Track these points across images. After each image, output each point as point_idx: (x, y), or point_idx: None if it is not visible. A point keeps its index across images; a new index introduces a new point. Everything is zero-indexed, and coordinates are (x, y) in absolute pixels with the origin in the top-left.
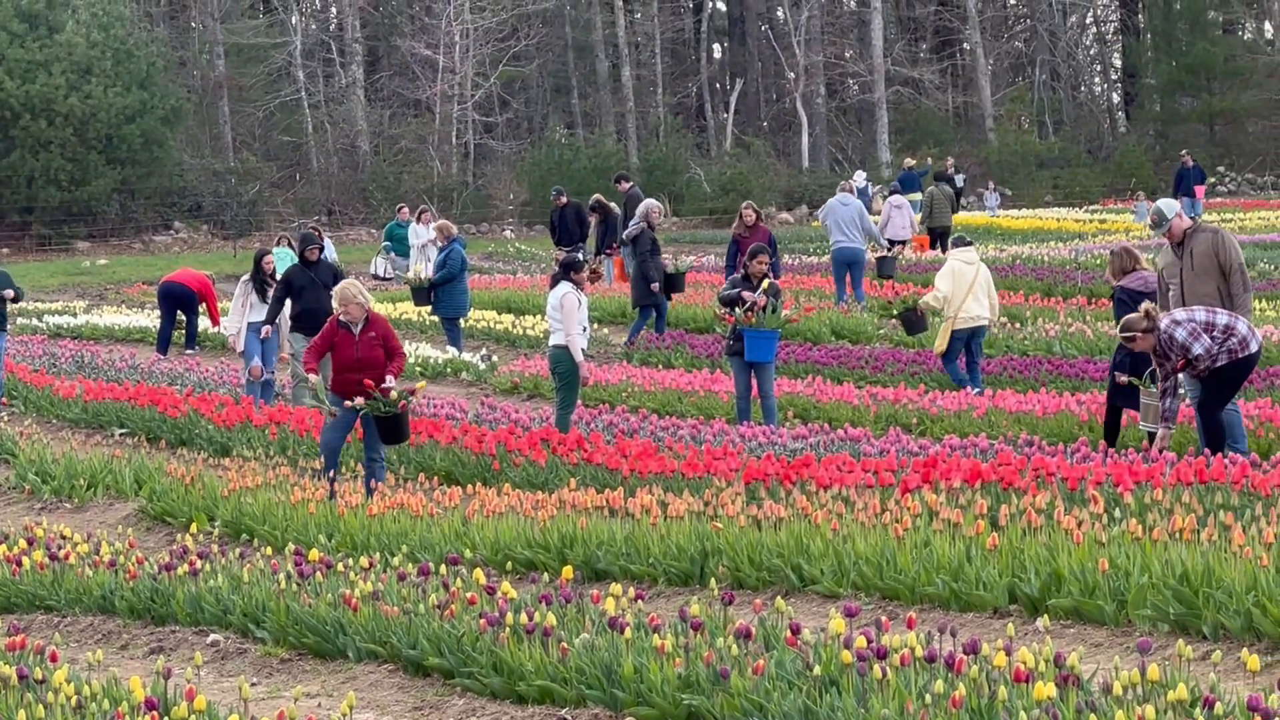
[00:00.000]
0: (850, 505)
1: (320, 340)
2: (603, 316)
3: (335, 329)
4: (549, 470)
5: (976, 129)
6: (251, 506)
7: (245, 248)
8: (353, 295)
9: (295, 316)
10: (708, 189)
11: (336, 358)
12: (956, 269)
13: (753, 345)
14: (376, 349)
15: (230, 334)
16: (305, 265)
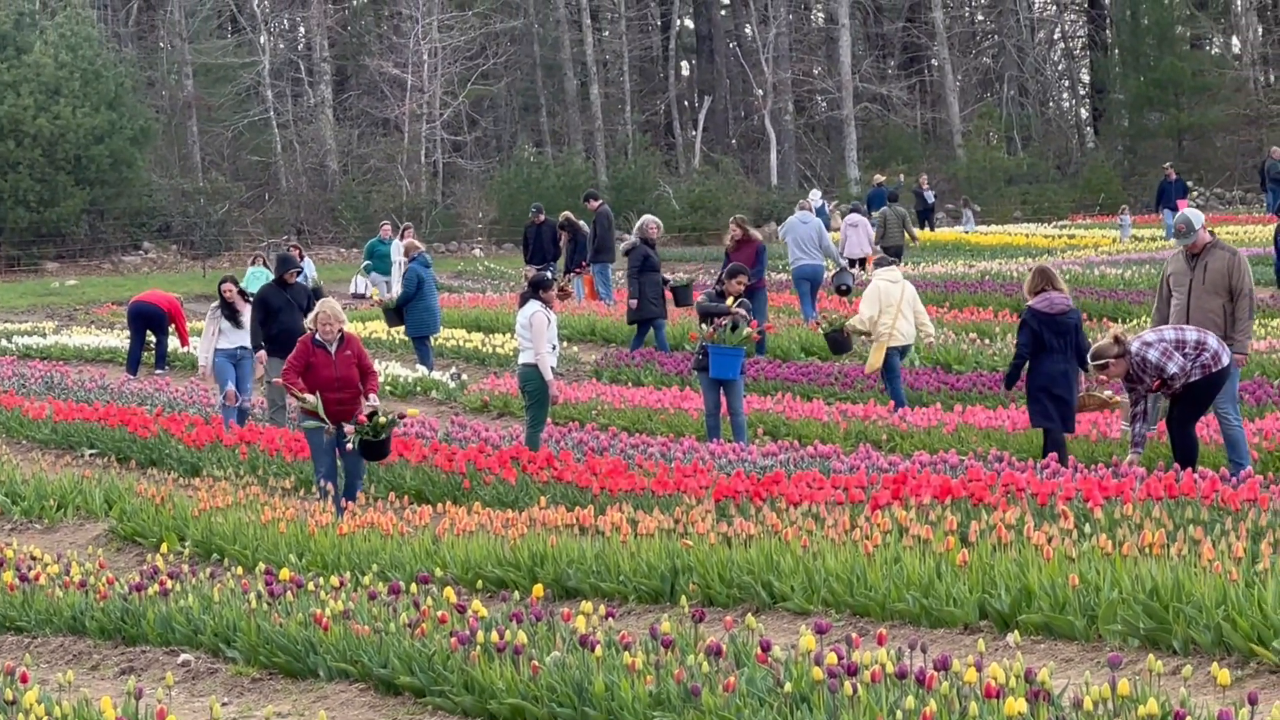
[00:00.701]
0: (820, 522)
1: (297, 359)
2: (572, 334)
3: (310, 348)
4: (519, 488)
5: (945, 145)
6: (222, 526)
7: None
8: (336, 314)
9: (270, 338)
10: (676, 207)
11: (313, 378)
12: (882, 289)
13: (717, 363)
14: (352, 368)
15: (202, 364)
16: (281, 286)
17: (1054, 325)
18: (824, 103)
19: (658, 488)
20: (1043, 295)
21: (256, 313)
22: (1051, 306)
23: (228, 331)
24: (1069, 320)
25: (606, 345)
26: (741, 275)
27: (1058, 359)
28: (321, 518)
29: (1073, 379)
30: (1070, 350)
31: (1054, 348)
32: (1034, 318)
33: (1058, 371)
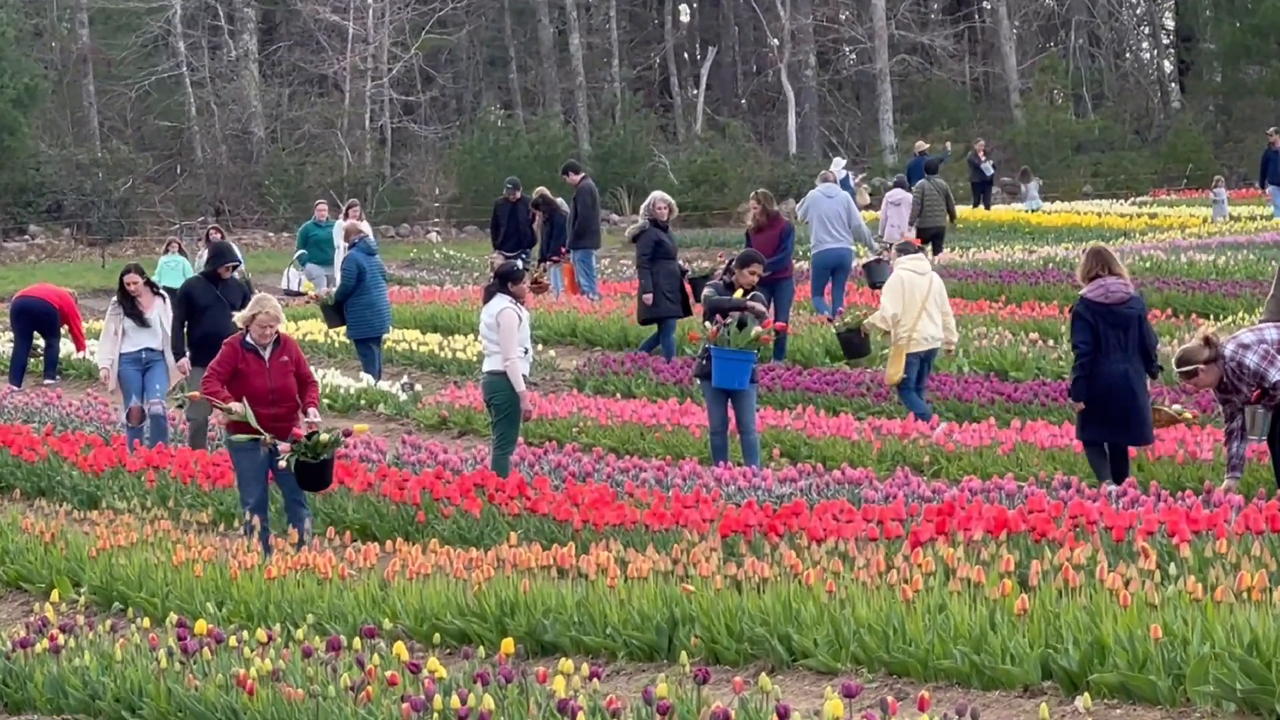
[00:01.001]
0: (849, 562)
1: (222, 365)
2: (548, 336)
3: (239, 353)
4: (485, 522)
5: (999, 105)
6: (125, 569)
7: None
8: (277, 314)
9: (195, 342)
10: (675, 181)
11: (242, 388)
12: (906, 281)
13: (722, 369)
14: (289, 377)
15: (102, 368)
16: (211, 281)
17: (1112, 317)
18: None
19: (652, 521)
20: (1097, 282)
21: (178, 311)
22: (1108, 295)
23: (131, 332)
24: (1130, 311)
25: (590, 349)
26: (755, 264)
27: (1116, 359)
28: (246, 558)
29: (1135, 382)
30: (1133, 348)
31: (1112, 345)
32: (1088, 309)
33: (1116, 373)
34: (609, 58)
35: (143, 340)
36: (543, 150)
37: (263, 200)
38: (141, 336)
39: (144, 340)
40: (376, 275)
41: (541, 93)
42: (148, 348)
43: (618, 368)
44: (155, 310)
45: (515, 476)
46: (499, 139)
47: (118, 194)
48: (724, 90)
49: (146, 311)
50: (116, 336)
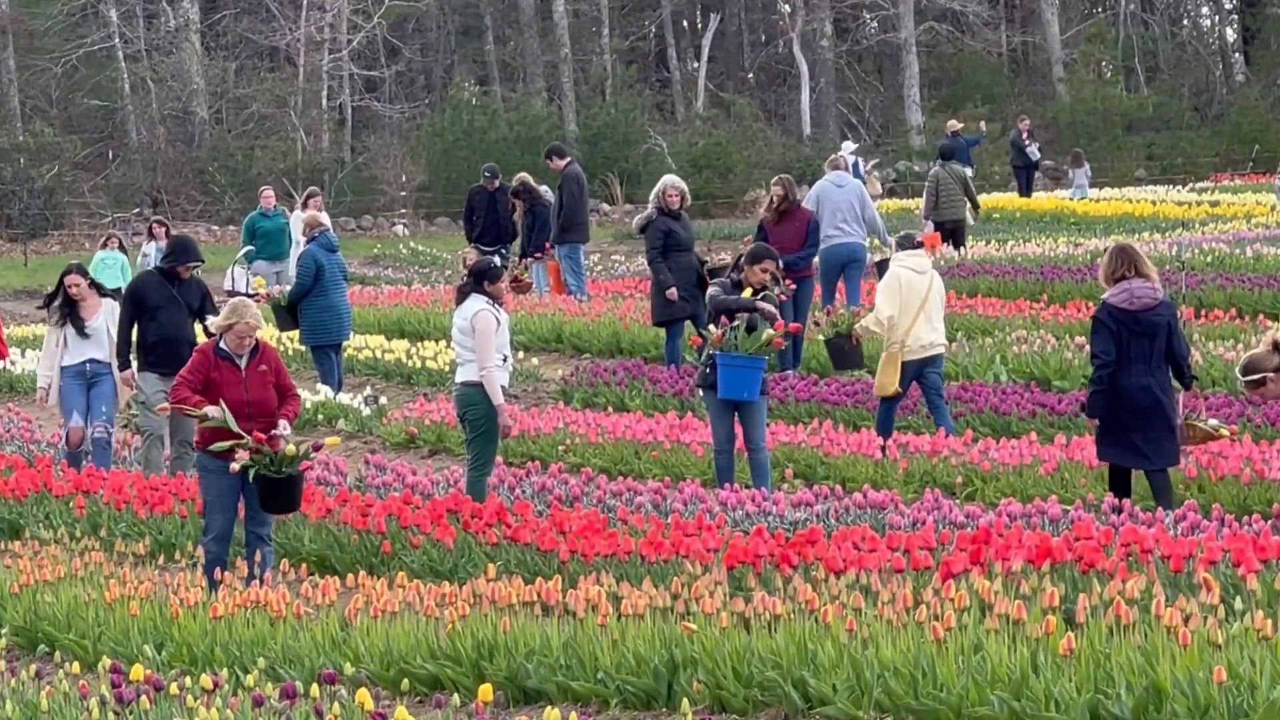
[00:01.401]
0: (872, 597)
1: (193, 374)
2: (531, 342)
3: (213, 360)
4: (459, 553)
5: (1040, 80)
6: (51, 607)
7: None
8: (256, 318)
9: (147, 347)
10: (674, 165)
11: (215, 401)
12: (905, 280)
13: (728, 378)
14: (268, 388)
15: (41, 385)
16: (166, 278)
17: (1137, 325)
18: (874, 23)
19: (649, 551)
20: (1122, 285)
21: (127, 312)
22: (1133, 300)
23: (73, 342)
24: (1158, 319)
25: (579, 356)
26: (767, 260)
27: (1138, 371)
28: (189, 594)
29: (1161, 398)
30: (1159, 359)
31: (1135, 355)
32: (1111, 316)
33: (1137, 387)
34: (598, 26)
35: (86, 351)
36: (524, 131)
37: (206, 189)
38: (85, 347)
39: (87, 351)
40: (336, 274)
41: (522, 67)
42: (92, 359)
43: (609, 377)
44: (101, 316)
45: (494, 501)
46: (474, 119)
47: (41, 182)
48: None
49: (89, 319)
50: (57, 348)
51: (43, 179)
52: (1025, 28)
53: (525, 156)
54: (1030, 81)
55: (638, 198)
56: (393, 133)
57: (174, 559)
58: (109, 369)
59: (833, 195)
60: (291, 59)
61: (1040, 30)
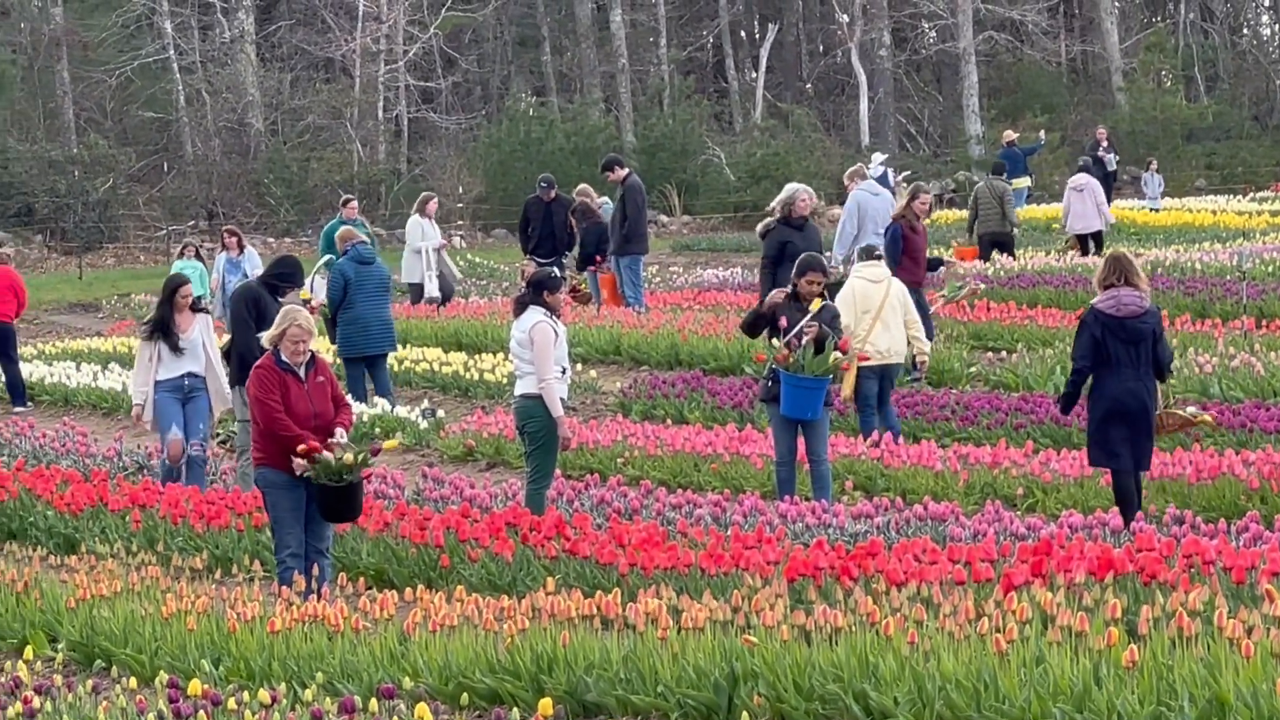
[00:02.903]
0: (933, 609)
1: (272, 393)
2: (589, 353)
3: (278, 374)
4: (518, 566)
5: (1100, 88)
6: (108, 622)
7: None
8: (310, 326)
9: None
10: (731, 176)
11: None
12: (859, 290)
13: (793, 397)
14: (328, 400)
15: (136, 403)
16: (273, 294)
17: (1123, 331)
18: (933, 33)
19: (709, 564)
20: (1110, 292)
21: (246, 320)
22: (1120, 307)
23: (168, 357)
24: (1143, 326)
25: (637, 368)
26: (812, 272)
27: (1125, 374)
28: (246, 608)
29: (1148, 402)
30: (1145, 364)
31: (1121, 360)
32: (1096, 320)
33: (1123, 391)
34: (655, 37)
35: (184, 365)
36: (580, 142)
37: (261, 201)
38: (182, 361)
39: (185, 365)
40: (369, 287)
41: (579, 77)
42: (190, 373)
43: (668, 389)
44: (196, 330)
45: (552, 514)
46: (530, 130)
47: (96, 195)
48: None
49: (184, 333)
50: (151, 364)
51: (97, 192)
52: (1084, 37)
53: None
54: (1089, 91)
55: (696, 209)
56: (449, 144)
57: (231, 573)
58: (204, 384)
59: (870, 205)
60: (347, 70)
61: (1099, 39)
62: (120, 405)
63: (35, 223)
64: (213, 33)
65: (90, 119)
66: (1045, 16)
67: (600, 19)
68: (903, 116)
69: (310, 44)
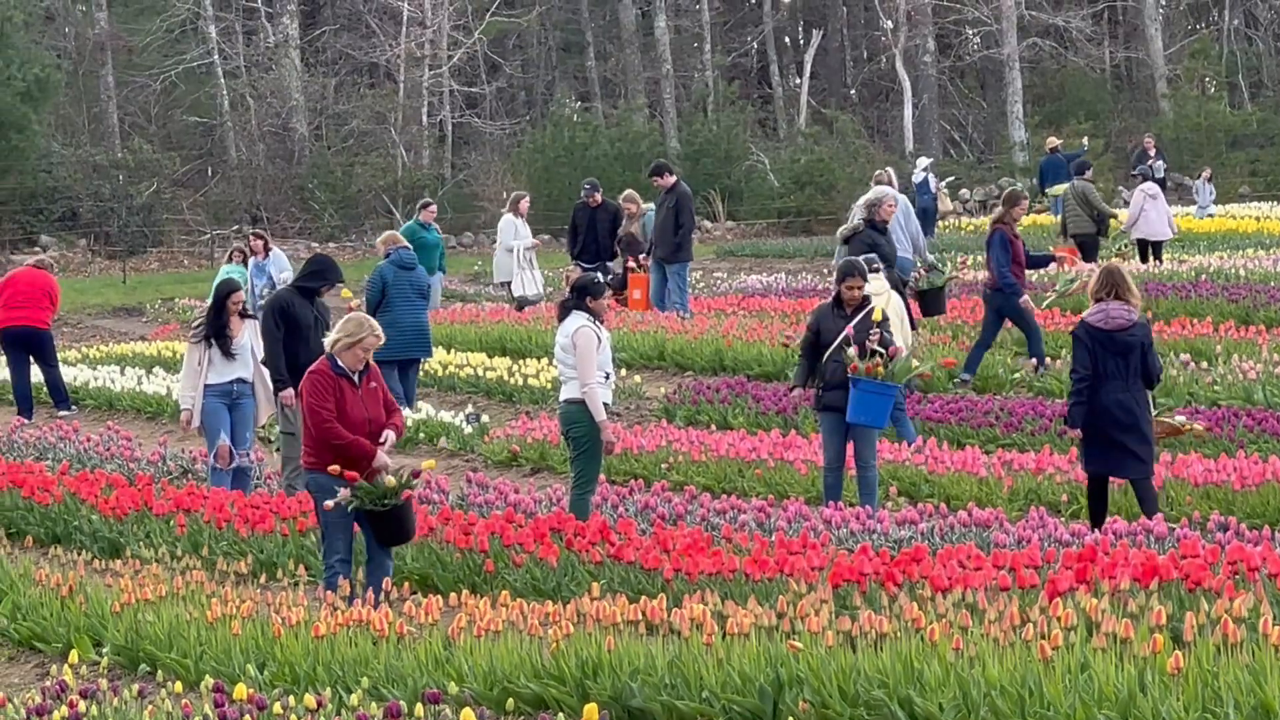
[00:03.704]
0: (978, 615)
1: (327, 399)
2: (633, 359)
3: (333, 379)
4: (562, 572)
5: (1144, 95)
6: (153, 626)
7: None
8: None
9: (295, 370)
10: (775, 182)
11: (340, 422)
12: None
13: (861, 403)
14: (380, 405)
15: (185, 408)
16: (307, 297)
17: (1112, 344)
18: (977, 38)
19: (754, 569)
20: (1099, 306)
21: (275, 329)
22: (1109, 320)
23: (219, 362)
24: (1133, 338)
25: (681, 374)
26: (851, 277)
27: (1115, 385)
28: (291, 613)
29: (1137, 412)
30: (1134, 376)
31: (1111, 372)
32: (1087, 333)
33: (1113, 402)
34: (700, 42)
35: (234, 370)
36: (625, 148)
37: (305, 206)
38: (232, 366)
39: (235, 370)
40: (407, 291)
41: (623, 83)
42: (239, 379)
43: (712, 395)
44: (246, 335)
45: (597, 519)
46: (575, 135)
47: (140, 200)
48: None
49: (237, 337)
50: (200, 369)
51: (141, 196)
52: (1129, 44)
53: (626, 173)
54: (1134, 98)
55: (740, 214)
56: (493, 149)
57: (275, 578)
58: (251, 389)
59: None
60: (392, 75)
61: (1144, 46)
62: (164, 410)
63: (79, 227)
64: (257, 37)
65: (134, 124)
66: (1089, 23)
67: (645, 24)
68: (947, 123)
69: (354, 49)
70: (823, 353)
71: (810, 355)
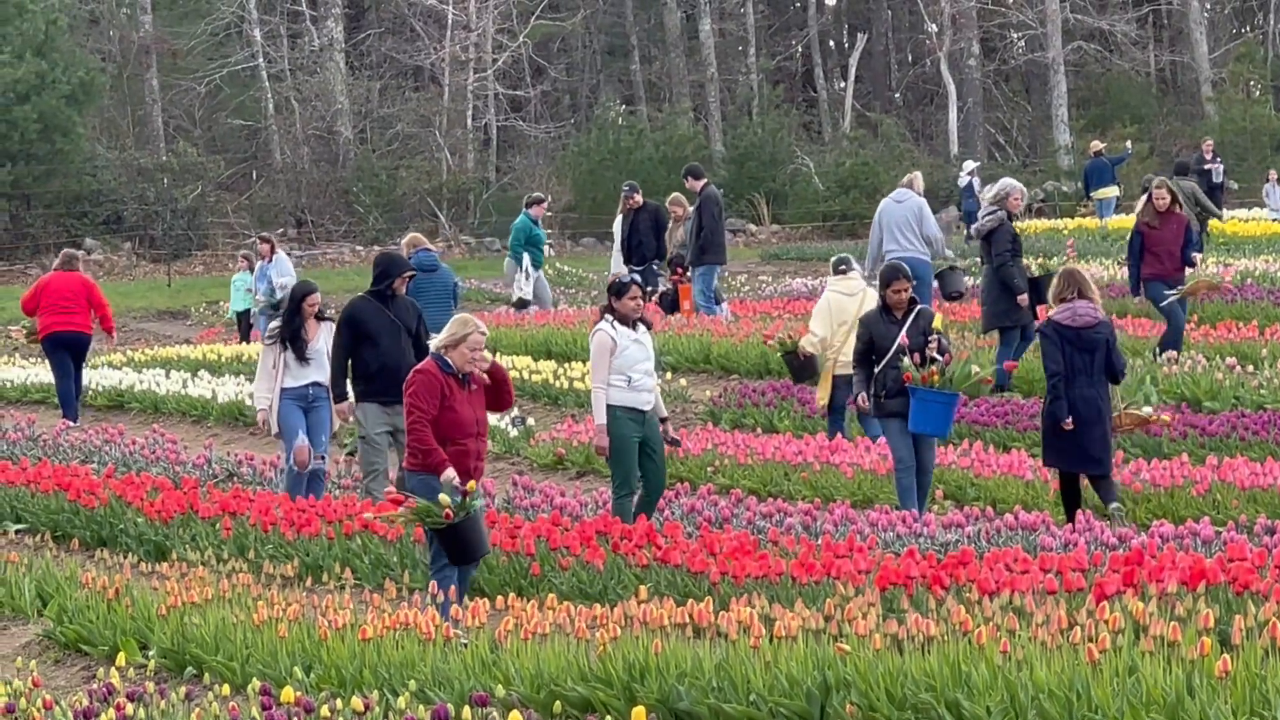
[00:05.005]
0: (1025, 618)
1: (426, 399)
2: (678, 362)
3: (441, 379)
4: (609, 575)
5: (1188, 99)
6: (199, 629)
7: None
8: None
9: (367, 377)
10: (820, 185)
11: (447, 424)
12: (833, 304)
13: (922, 412)
14: (484, 407)
15: (260, 408)
16: (381, 300)
17: (1079, 341)
18: (1022, 42)
19: (800, 573)
20: (1065, 305)
21: (341, 339)
22: (1075, 318)
23: (294, 365)
24: (1098, 335)
25: (727, 376)
26: (897, 281)
27: (1080, 381)
28: (337, 616)
29: (1102, 408)
30: (1099, 373)
31: (1077, 368)
32: (1055, 331)
33: (1080, 399)
34: (744, 46)
35: (309, 374)
36: (669, 151)
37: (350, 210)
38: (307, 370)
39: (310, 374)
40: (431, 294)
41: (668, 86)
42: (315, 382)
43: (757, 398)
44: (322, 339)
45: (643, 523)
46: (620, 139)
47: (185, 203)
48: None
49: (313, 341)
50: (275, 371)
51: (186, 199)
52: (1173, 47)
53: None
54: (1178, 101)
55: (784, 218)
56: (538, 152)
57: (322, 581)
58: (327, 393)
59: (892, 211)
60: (436, 79)
61: (1188, 50)
62: (209, 413)
63: (124, 230)
64: (301, 41)
65: (179, 127)
66: (1134, 27)
67: (689, 28)
68: (991, 126)
69: (399, 52)
70: (878, 361)
71: (866, 364)
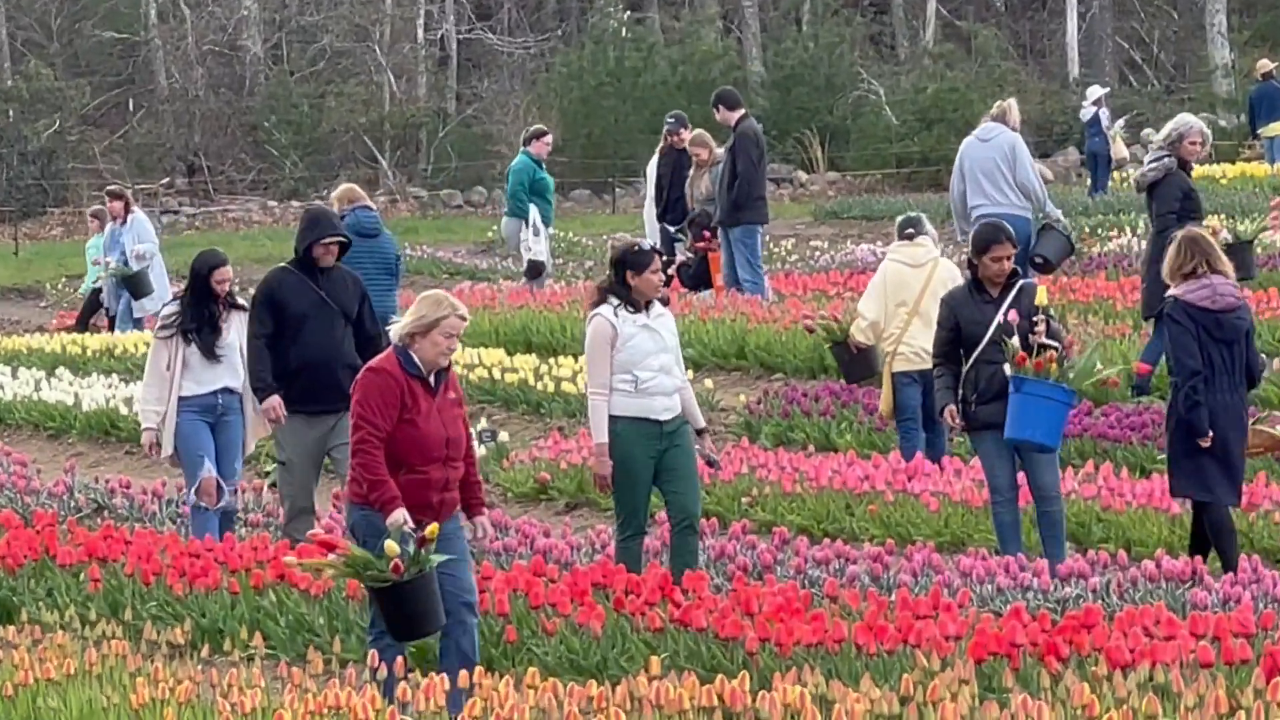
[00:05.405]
0: (1171, 700)
1: (381, 408)
2: (703, 357)
3: (402, 381)
4: (610, 642)
5: None
6: (58, 715)
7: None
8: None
9: (286, 377)
10: (893, 119)
11: (407, 440)
12: (890, 275)
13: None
14: (460, 422)
15: (148, 426)
16: (306, 271)
17: (1219, 330)
18: None
19: (867, 639)
20: (1200, 281)
21: (258, 321)
22: (1215, 300)
23: (198, 365)
24: (1240, 323)
25: (767, 376)
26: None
27: (1224, 386)
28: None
29: (1246, 422)
30: (1241, 373)
31: (1216, 366)
32: (1189, 316)
33: (1221, 406)
34: None
35: (217, 377)
36: (690, 73)
37: (261, 152)
38: (215, 371)
39: (220, 377)
40: (367, 267)
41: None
42: (225, 388)
43: (809, 405)
44: (234, 331)
45: (656, 571)
46: (623, 56)
47: (37, 143)
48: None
49: (223, 332)
50: (172, 373)
51: (39, 138)
52: None
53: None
54: None
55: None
56: (513, 75)
57: (223, 650)
58: (241, 404)
59: (975, 152)
60: None
61: None
62: (71, 425)
63: None
64: None
65: (29, 41)
66: None
67: None
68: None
69: None
70: (967, 356)
71: (952, 360)
